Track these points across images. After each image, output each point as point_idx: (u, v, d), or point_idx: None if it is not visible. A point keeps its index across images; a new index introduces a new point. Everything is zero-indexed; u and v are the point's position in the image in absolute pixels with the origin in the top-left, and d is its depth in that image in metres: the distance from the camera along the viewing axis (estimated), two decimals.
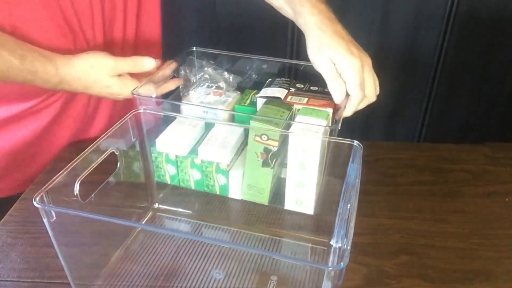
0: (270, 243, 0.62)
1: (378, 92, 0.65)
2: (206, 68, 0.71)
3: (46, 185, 0.47)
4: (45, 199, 0.46)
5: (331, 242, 0.61)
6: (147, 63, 0.70)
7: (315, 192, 0.61)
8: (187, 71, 0.71)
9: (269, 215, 0.66)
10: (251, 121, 0.59)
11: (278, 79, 0.70)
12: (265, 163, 0.60)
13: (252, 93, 0.70)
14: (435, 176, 0.76)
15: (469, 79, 1.47)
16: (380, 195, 0.71)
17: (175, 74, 0.72)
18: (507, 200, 0.70)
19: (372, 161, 0.79)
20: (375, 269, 0.58)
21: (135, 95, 0.62)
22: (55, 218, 0.47)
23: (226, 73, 0.71)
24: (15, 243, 0.60)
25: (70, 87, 0.68)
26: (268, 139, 0.59)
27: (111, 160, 0.78)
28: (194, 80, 0.71)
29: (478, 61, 1.43)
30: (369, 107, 0.66)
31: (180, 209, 0.67)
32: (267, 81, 0.70)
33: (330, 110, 0.62)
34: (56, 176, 0.48)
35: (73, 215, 0.48)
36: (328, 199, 0.62)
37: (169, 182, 0.66)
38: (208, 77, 0.71)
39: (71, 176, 0.51)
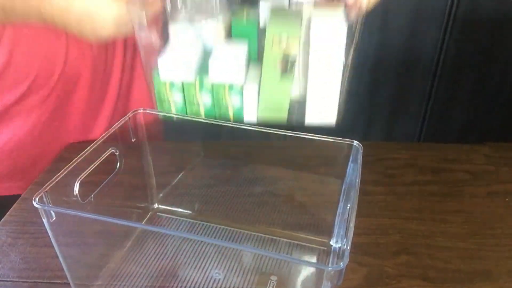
0: (270, 243, 0.62)
1: None
2: None
3: (46, 185, 0.47)
4: (44, 199, 0.46)
5: (331, 242, 0.61)
6: None
7: (338, 99, 0.58)
8: None
9: (269, 215, 0.66)
10: (268, 23, 0.55)
11: None
12: (284, 73, 0.56)
13: (245, 9, 0.63)
14: (435, 176, 0.75)
15: (469, 79, 1.47)
16: (380, 195, 0.71)
17: None
18: (507, 200, 0.70)
19: (372, 161, 0.79)
20: (375, 269, 0.58)
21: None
22: (54, 218, 0.47)
23: None
24: (15, 243, 0.60)
25: (52, 8, 0.58)
26: (288, 41, 0.54)
27: (111, 160, 0.78)
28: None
29: (478, 61, 1.43)
30: (369, 107, 0.66)
31: (180, 209, 0.67)
32: None
33: (341, 7, 0.57)
34: (56, 176, 0.48)
35: (73, 215, 0.48)
36: (328, 199, 0.62)
37: (173, 110, 0.61)
38: None
39: (71, 176, 0.51)
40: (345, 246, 0.45)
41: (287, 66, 0.56)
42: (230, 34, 0.61)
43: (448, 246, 0.61)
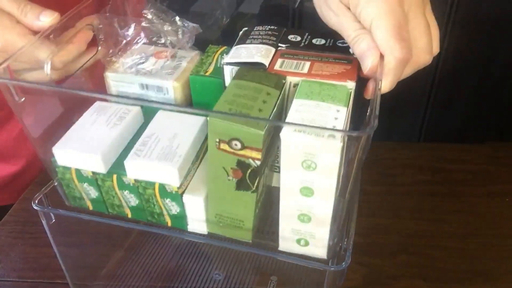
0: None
1: (436, 48, 0.38)
2: (147, 14, 0.44)
3: (45, 187, 0.46)
4: (44, 201, 0.45)
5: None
6: (44, 17, 0.42)
7: (329, 228, 0.39)
8: (112, 20, 0.45)
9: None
10: (208, 117, 0.34)
11: (259, 27, 0.44)
12: (241, 185, 0.37)
13: (219, 51, 0.45)
14: (435, 176, 0.75)
15: (469, 79, 1.47)
16: (380, 195, 0.71)
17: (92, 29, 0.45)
18: (507, 200, 0.70)
19: (371, 161, 0.79)
20: (375, 269, 0.58)
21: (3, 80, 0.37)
22: (54, 220, 0.46)
23: (177, 18, 0.44)
24: (15, 243, 0.60)
25: None
26: (244, 147, 0.34)
27: None
28: (124, 34, 0.45)
29: (478, 61, 1.43)
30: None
31: None
32: (242, 31, 0.44)
33: (351, 84, 0.38)
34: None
35: (72, 217, 0.47)
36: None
37: (91, 208, 0.45)
38: (147, 26, 0.44)
39: None
40: (346, 246, 0.43)
41: (245, 176, 0.36)
42: (188, 91, 0.45)
43: (448, 246, 0.61)
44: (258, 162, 0.35)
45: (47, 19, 0.42)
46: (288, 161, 0.35)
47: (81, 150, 0.41)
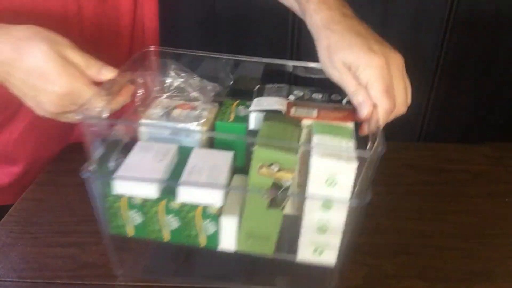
0: None
1: (409, 101, 0.51)
2: (170, 73, 0.55)
3: (91, 158, 0.49)
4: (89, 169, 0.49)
5: None
6: (106, 71, 0.51)
7: (341, 236, 0.48)
8: (146, 78, 0.55)
9: None
10: (256, 147, 0.44)
11: (270, 85, 0.56)
12: (273, 203, 0.46)
13: (234, 104, 0.55)
14: (435, 176, 0.75)
15: (469, 79, 1.47)
16: (380, 195, 0.71)
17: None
18: (507, 200, 0.70)
19: None
20: (375, 269, 0.58)
21: (80, 118, 0.46)
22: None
23: (198, 78, 0.55)
24: (15, 243, 0.60)
25: None
26: (280, 170, 0.44)
27: None
28: (154, 90, 0.56)
29: (478, 61, 1.43)
30: None
31: None
32: (256, 89, 0.56)
33: (351, 125, 0.50)
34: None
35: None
36: None
37: (131, 235, 0.50)
38: (173, 84, 0.55)
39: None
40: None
41: (277, 197, 0.45)
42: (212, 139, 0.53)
43: (448, 246, 0.61)
44: (289, 183, 0.45)
45: (108, 73, 0.51)
46: (315, 180, 0.45)
47: (138, 179, 0.47)
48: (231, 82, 0.58)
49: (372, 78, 0.47)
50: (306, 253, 0.49)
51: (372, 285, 0.55)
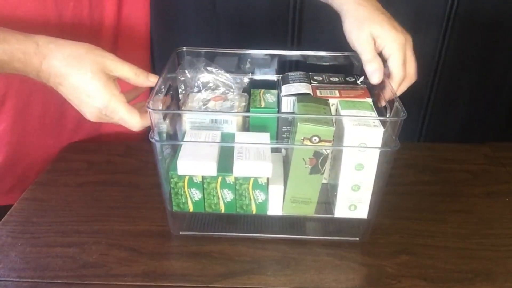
0: None
1: (416, 74, 0.61)
2: (201, 70, 0.63)
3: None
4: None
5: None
6: (152, 78, 0.59)
7: (371, 193, 0.57)
8: (180, 77, 0.63)
9: None
10: (298, 123, 0.52)
11: (292, 73, 0.64)
12: (314, 170, 0.55)
13: (261, 93, 0.63)
14: (435, 176, 0.75)
15: (469, 79, 1.46)
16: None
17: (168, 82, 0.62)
18: (507, 200, 0.70)
19: None
20: (375, 269, 0.58)
21: (149, 109, 0.53)
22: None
23: (227, 73, 0.64)
24: (15, 243, 0.60)
25: (49, 72, 0.56)
26: (320, 140, 0.53)
27: (114, 161, 0.78)
28: (189, 86, 0.63)
29: (478, 61, 1.43)
30: None
31: None
32: (280, 77, 0.65)
33: (369, 100, 0.59)
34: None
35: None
36: None
37: (191, 210, 0.59)
38: (204, 80, 0.63)
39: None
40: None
41: (318, 163, 0.54)
42: (246, 121, 0.61)
43: (448, 246, 0.61)
44: (329, 151, 0.54)
45: (154, 79, 0.59)
46: (351, 148, 0.54)
47: (199, 160, 0.55)
48: (251, 75, 0.67)
49: (395, 52, 0.57)
50: (342, 210, 0.58)
51: (372, 285, 0.55)
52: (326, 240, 0.62)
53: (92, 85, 0.56)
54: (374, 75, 0.58)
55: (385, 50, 0.58)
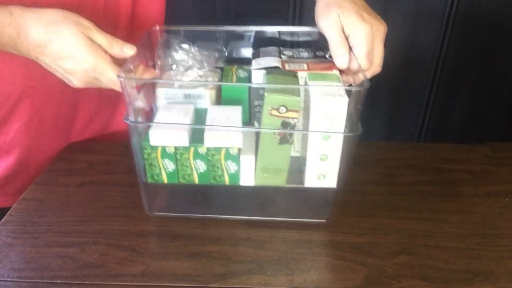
0: None
1: (381, 64, 0.62)
2: (175, 47, 0.63)
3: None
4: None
5: None
6: (126, 49, 0.58)
7: (339, 162, 0.58)
8: (158, 54, 0.64)
9: None
10: (265, 93, 0.53)
11: (263, 48, 0.65)
12: (283, 140, 0.56)
13: (234, 69, 0.65)
14: (435, 176, 0.75)
15: (469, 79, 1.46)
16: (380, 195, 0.71)
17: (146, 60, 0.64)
18: (507, 200, 0.70)
19: (372, 161, 0.79)
20: (375, 269, 0.58)
21: (120, 78, 0.53)
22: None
23: (200, 50, 0.63)
24: (15, 243, 0.60)
25: (27, 42, 0.55)
26: (287, 110, 0.53)
27: (114, 161, 0.78)
28: (165, 64, 0.64)
29: (478, 61, 1.43)
30: (369, 107, 0.66)
31: None
32: (252, 53, 0.66)
33: (337, 72, 0.59)
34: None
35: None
36: None
37: (166, 181, 0.60)
38: (180, 58, 0.63)
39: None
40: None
41: (286, 134, 0.55)
42: (220, 95, 0.62)
43: (448, 246, 0.61)
44: (296, 121, 0.54)
45: (129, 50, 0.58)
46: (316, 116, 0.54)
47: (172, 130, 0.56)
48: (226, 53, 0.67)
49: (359, 42, 0.58)
50: (311, 180, 0.59)
51: (372, 285, 0.55)
52: (326, 240, 0.62)
53: (77, 48, 0.54)
54: (340, 59, 0.59)
55: (350, 39, 0.58)
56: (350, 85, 0.60)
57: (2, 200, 0.78)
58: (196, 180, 0.59)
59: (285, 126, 0.54)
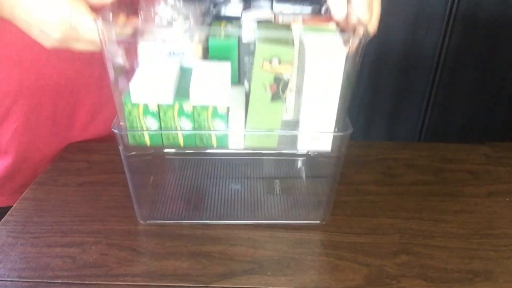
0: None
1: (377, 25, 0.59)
2: (160, 1, 0.59)
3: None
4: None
5: None
6: None
7: (335, 121, 0.54)
8: (140, 5, 0.59)
9: None
10: (257, 43, 0.48)
11: (254, 2, 0.62)
12: (275, 96, 0.51)
13: (222, 23, 0.59)
14: (435, 176, 0.75)
15: (469, 79, 1.47)
16: (380, 195, 0.71)
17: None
18: (507, 200, 0.70)
19: (372, 161, 0.79)
20: (375, 269, 0.58)
21: (98, 24, 0.49)
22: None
23: (186, 3, 0.59)
24: (15, 243, 0.60)
25: None
26: (280, 63, 0.49)
27: (114, 161, 0.78)
28: (148, 16, 0.59)
29: (478, 61, 1.43)
30: (369, 107, 0.66)
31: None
32: (242, 8, 0.61)
33: (332, 24, 0.56)
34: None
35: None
36: None
37: (148, 144, 0.55)
38: (164, 10, 0.59)
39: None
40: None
41: (278, 89, 0.51)
42: (207, 52, 0.57)
43: (448, 246, 0.61)
44: (289, 75, 0.50)
45: None
46: (311, 71, 0.50)
47: (155, 84, 0.51)
48: (214, 12, 0.63)
49: None
50: (305, 143, 0.55)
51: (372, 285, 0.55)
52: (326, 240, 0.62)
53: None
54: (337, 7, 0.55)
55: None
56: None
57: (1, 199, 0.78)
58: (182, 142, 0.54)
59: (277, 81, 0.50)
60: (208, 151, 0.74)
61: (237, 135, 0.55)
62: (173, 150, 0.67)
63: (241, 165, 0.77)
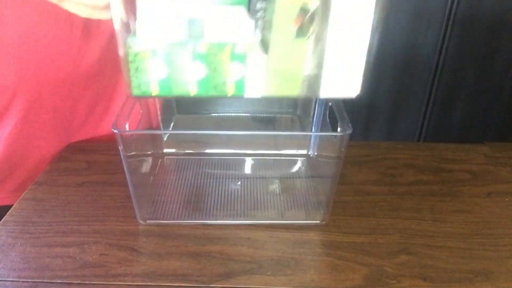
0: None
1: None
2: None
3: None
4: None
5: None
6: None
7: (364, 64, 0.48)
8: None
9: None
10: None
11: None
12: (300, 32, 0.46)
13: None
14: (435, 176, 0.75)
15: (469, 79, 1.47)
16: (380, 195, 0.71)
17: None
18: (507, 200, 0.70)
19: (372, 161, 0.79)
20: (375, 269, 0.58)
21: None
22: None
23: None
24: (15, 243, 0.60)
25: None
26: None
27: (114, 161, 0.78)
28: None
29: (478, 61, 1.43)
30: (369, 107, 0.66)
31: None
32: None
33: None
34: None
35: None
36: None
37: (156, 93, 0.47)
38: None
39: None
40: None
41: (304, 23, 0.45)
42: None
43: (448, 246, 0.61)
44: (316, 5, 0.44)
45: None
46: (340, 12, 0.45)
47: (164, 21, 0.44)
48: None
49: None
50: (328, 88, 0.49)
51: (372, 285, 0.55)
52: (326, 240, 0.62)
53: None
54: None
55: None
56: None
57: (1, 197, 0.78)
58: (193, 91, 0.48)
59: (304, 13, 0.45)
60: (208, 151, 0.77)
61: (255, 81, 0.48)
62: (173, 150, 0.68)
63: (241, 165, 0.77)
